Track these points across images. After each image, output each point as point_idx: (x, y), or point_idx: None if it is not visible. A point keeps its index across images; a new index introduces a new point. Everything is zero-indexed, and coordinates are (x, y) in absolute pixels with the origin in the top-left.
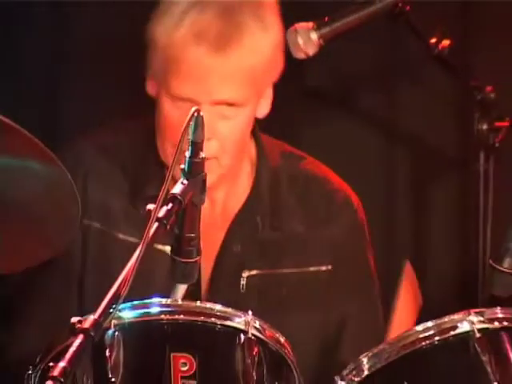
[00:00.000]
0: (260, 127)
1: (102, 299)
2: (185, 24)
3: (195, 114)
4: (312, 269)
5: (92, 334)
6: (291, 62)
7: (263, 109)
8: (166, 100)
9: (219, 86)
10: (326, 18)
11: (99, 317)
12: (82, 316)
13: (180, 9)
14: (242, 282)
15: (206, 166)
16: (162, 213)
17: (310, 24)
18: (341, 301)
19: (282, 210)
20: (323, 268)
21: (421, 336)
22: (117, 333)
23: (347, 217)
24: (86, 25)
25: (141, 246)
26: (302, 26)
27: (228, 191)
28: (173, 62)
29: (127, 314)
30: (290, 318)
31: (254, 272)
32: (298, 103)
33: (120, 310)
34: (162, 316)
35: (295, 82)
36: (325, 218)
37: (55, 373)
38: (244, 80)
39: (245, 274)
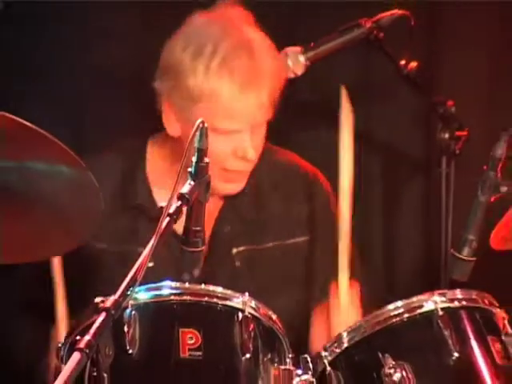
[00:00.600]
0: None
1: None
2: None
3: (200, 126)
4: (292, 241)
5: (112, 312)
6: None
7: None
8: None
9: (255, 112)
10: (312, 44)
11: (119, 297)
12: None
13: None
14: (232, 258)
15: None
16: (172, 209)
17: (298, 48)
18: (319, 263)
19: (264, 195)
20: (302, 239)
21: (392, 314)
22: (133, 311)
23: (316, 193)
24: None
25: (155, 236)
26: (291, 49)
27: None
28: (209, 101)
29: (142, 295)
30: (277, 287)
31: (241, 248)
32: (288, 113)
33: (136, 292)
34: (172, 297)
35: (285, 96)
36: (298, 197)
37: (81, 345)
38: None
39: (234, 251)
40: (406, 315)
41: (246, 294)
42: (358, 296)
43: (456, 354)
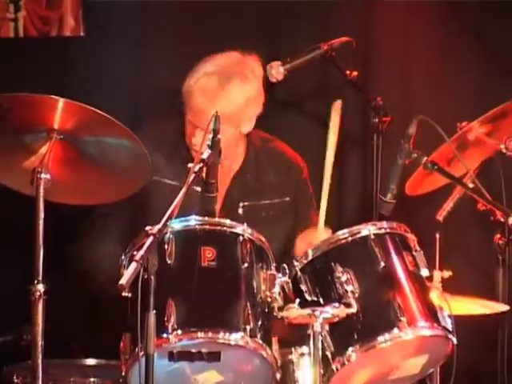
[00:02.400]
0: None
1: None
2: (199, 82)
3: (215, 114)
4: (279, 200)
5: (157, 236)
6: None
7: (246, 128)
8: (188, 117)
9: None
10: (289, 59)
11: (162, 226)
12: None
13: (200, 72)
14: (239, 209)
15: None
16: (196, 168)
17: (279, 62)
18: (297, 212)
19: (261, 170)
20: (286, 199)
21: (341, 237)
22: (171, 235)
23: (296, 172)
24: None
25: (184, 187)
26: (274, 63)
27: (231, 160)
28: (188, 101)
29: (176, 225)
30: (268, 226)
31: (246, 203)
32: (271, 107)
33: (172, 223)
34: (196, 226)
35: (270, 96)
36: (284, 173)
37: (137, 258)
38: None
39: (241, 204)
40: (350, 238)
41: (245, 224)
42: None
43: (382, 264)
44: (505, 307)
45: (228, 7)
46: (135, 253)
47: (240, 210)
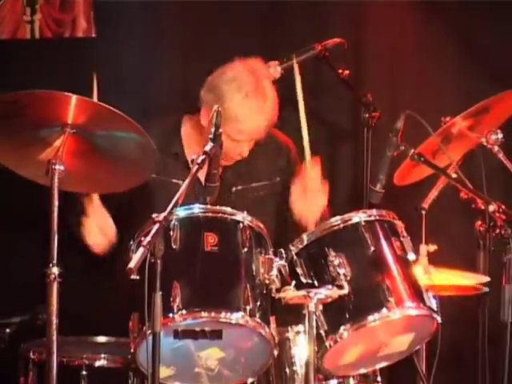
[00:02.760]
0: None
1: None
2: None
3: (216, 110)
4: (269, 182)
5: (163, 222)
6: None
7: None
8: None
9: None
10: (285, 59)
11: (167, 214)
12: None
13: (238, 96)
14: (232, 194)
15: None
16: (199, 160)
17: (276, 62)
18: (287, 193)
19: (252, 154)
20: (276, 180)
21: (334, 224)
22: (176, 222)
23: (286, 155)
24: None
25: (189, 178)
26: (272, 63)
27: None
28: (236, 124)
29: (181, 212)
30: (261, 209)
31: (239, 187)
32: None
33: (177, 210)
34: (199, 213)
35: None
36: (274, 156)
37: (144, 243)
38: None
39: (233, 189)
40: (342, 225)
41: (245, 212)
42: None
43: (372, 248)
44: (485, 278)
45: (229, 7)
46: (143, 238)
47: (232, 194)
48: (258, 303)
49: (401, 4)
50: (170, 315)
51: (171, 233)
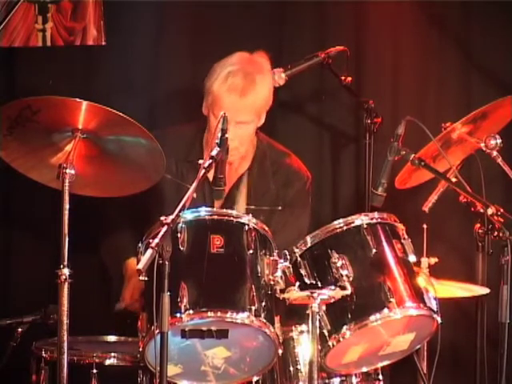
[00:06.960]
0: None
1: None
2: (226, 83)
3: (224, 115)
4: (268, 208)
5: (171, 225)
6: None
7: (263, 119)
8: (212, 118)
9: (240, 114)
10: (289, 66)
11: (175, 217)
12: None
13: (222, 73)
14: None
15: (232, 152)
16: (206, 164)
17: (281, 69)
18: (287, 220)
19: (264, 177)
20: (278, 208)
21: (336, 226)
22: (183, 225)
23: (298, 180)
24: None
25: (196, 181)
26: (276, 70)
27: (240, 161)
28: (217, 102)
29: (188, 215)
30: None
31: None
32: (273, 109)
33: (185, 213)
34: (206, 216)
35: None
36: (284, 184)
37: (153, 245)
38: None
39: (235, 206)
40: (345, 227)
41: (250, 215)
42: None
43: (374, 250)
44: (485, 290)
45: (239, 13)
46: (151, 240)
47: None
48: (263, 303)
49: (403, 12)
50: (178, 315)
51: (179, 235)
